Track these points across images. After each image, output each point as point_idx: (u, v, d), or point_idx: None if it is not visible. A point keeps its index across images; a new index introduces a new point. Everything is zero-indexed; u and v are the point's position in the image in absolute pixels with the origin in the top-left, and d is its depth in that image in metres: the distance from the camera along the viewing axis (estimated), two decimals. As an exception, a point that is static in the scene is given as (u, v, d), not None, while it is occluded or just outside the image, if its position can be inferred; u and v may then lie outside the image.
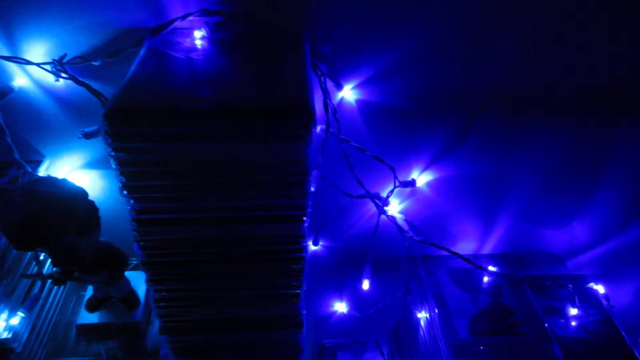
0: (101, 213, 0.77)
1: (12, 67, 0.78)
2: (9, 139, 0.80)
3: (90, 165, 0.93)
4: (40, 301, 0.90)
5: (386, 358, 1.39)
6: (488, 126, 0.93)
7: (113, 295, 0.95)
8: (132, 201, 0.63)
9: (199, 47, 0.72)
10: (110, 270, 0.86)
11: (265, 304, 0.78)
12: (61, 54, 0.77)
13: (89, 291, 0.98)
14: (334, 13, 0.77)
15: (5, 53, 0.76)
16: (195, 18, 0.73)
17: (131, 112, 0.54)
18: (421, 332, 1.15)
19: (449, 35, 0.81)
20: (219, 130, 0.56)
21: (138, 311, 0.95)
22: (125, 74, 0.78)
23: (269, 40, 0.75)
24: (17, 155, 0.82)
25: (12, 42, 0.76)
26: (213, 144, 0.58)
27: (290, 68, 0.67)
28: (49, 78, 0.78)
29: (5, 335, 0.79)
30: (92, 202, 0.76)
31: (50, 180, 0.72)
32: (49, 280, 0.86)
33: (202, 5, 0.74)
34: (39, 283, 0.89)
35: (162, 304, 0.76)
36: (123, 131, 0.55)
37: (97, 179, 0.95)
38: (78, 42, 0.77)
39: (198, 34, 0.73)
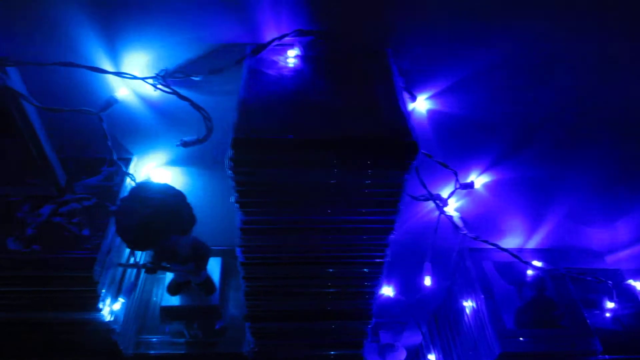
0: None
1: (115, 79, 0.84)
2: (109, 143, 0.87)
3: (173, 162, 1.00)
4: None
5: (426, 337, 1.49)
6: (549, 135, 0.98)
7: (192, 281, 1.04)
8: (240, 213, 0.70)
9: (292, 65, 0.78)
10: (197, 261, 0.94)
11: (342, 299, 0.86)
12: (159, 66, 0.83)
13: (168, 275, 1.07)
14: (415, 31, 0.82)
15: (109, 66, 0.82)
16: (290, 38, 0.78)
17: (255, 142, 0.61)
18: (466, 319, 1.24)
19: (521, 54, 0.85)
20: (329, 159, 0.63)
21: (215, 296, 1.05)
22: (220, 86, 0.84)
23: (356, 58, 0.80)
24: (115, 157, 0.90)
25: (114, 55, 0.82)
26: (321, 170, 0.64)
27: (383, 90, 0.72)
28: (146, 88, 0.84)
29: (109, 318, 0.88)
30: (189, 204, 0.83)
31: (156, 186, 0.79)
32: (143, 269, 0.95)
33: (296, 26, 0.78)
34: (128, 271, 0.98)
35: (251, 297, 0.84)
36: (245, 158, 0.62)
37: (178, 175, 1.02)
38: (175, 56, 0.82)
39: (292, 52, 0.78)
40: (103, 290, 0.84)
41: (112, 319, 0.89)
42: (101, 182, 0.93)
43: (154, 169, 1.01)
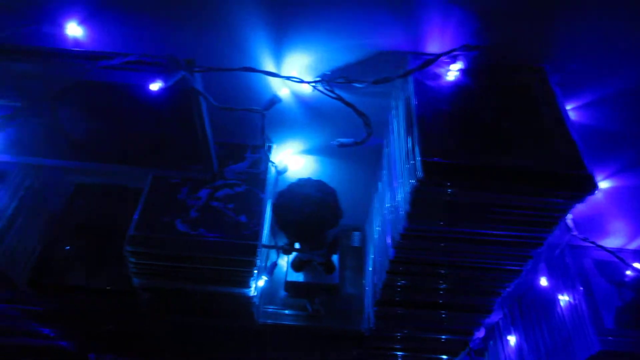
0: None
1: (276, 79, 0.89)
2: (265, 137, 0.93)
3: (307, 151, 1.07)
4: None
5: (507, 319, 1.56)
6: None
7: (315, 260, 1.12)
8: (406, 222, 0.76)
9: (453, 78, 0.81)
10: (330, 247, 1.02)
11: (472, 296, 0.93)
12: (318, 69, 0.87)
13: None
14: (573, 48, 0.83)
15: (272, 66, 0.87)
16: (458, 53, 0.80)
17: (444, 166, 0.66)
18: (559, 311, 1.29)
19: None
20: (505, 186, 0.67)
21: (335, 275, 1.13)
22: (372, 88, 0.88)
23: (515, 73, 0.82)
24: (265, 148, 0.96)
25: (279, 56, 0.86)
26: (493, 193, 0.69)
27: (549, 112, 0.75)
28: (302, 87, 0.89)
29: (254, 293, 0.98)
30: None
31: (313, 183, 0.86)
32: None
33: (459, 39, 0.81)
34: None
35: (389, 288, 0.92)
36: (431, 180, 0.67)
37: (311, 162, 1.09)
38: (334, 60, 0.86)
39: (455, 66, 0.81)
40: (256, 271, 0.93)
41: (255, 293, 0.99)
42: (247, 168, 1.00)
43: (290, 155, 1.07)
